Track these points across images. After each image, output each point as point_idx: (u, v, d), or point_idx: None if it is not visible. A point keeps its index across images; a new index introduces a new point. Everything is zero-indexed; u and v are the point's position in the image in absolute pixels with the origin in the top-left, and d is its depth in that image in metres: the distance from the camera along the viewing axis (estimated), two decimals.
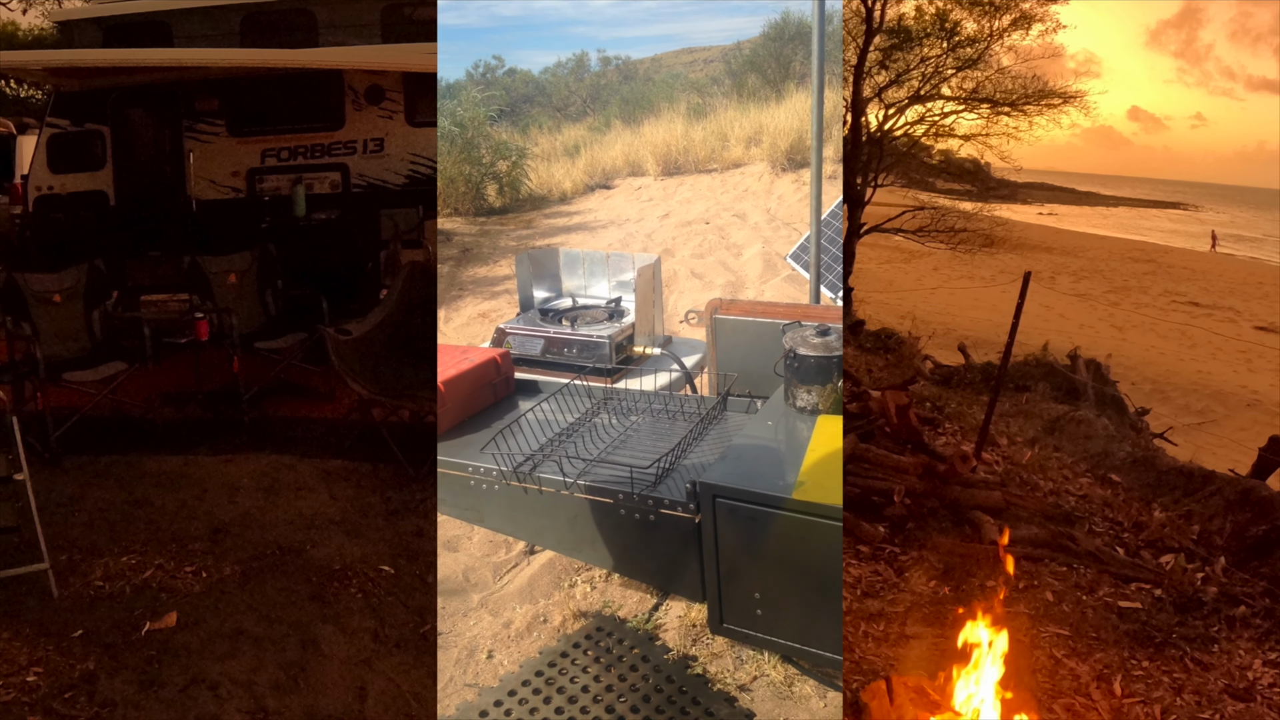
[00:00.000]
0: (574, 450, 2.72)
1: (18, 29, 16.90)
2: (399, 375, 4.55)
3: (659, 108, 19.61)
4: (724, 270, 9.84)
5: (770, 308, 3.17)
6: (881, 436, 5.11)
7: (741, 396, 3.05)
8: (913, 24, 13.44)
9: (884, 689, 2.59)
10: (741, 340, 3.10)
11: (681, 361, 3.58)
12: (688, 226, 12.29)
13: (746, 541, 2.28)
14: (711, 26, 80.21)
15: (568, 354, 3.60)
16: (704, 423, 2.89)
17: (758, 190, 13.86)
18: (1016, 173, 16.69)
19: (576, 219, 13.77)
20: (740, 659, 3.02)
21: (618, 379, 3.43)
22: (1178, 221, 51.44)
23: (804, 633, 2.31)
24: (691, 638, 3.13)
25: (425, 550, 3.60)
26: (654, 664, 3.01)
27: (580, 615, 3.29)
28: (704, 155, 15.75)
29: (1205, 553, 4.38)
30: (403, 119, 6.89)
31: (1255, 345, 16.80)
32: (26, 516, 3.26)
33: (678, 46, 44.39)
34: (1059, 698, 2.99)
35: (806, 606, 2.26)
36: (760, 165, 14.77)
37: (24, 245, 6.85)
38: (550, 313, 3.84)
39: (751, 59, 24.10)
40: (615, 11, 54.25)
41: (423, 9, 7.14)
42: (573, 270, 4.14)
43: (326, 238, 6.65)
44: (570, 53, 38.59)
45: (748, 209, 13.02)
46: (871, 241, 14.55)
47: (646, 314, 3.76)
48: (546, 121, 22.67)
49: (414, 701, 2.78)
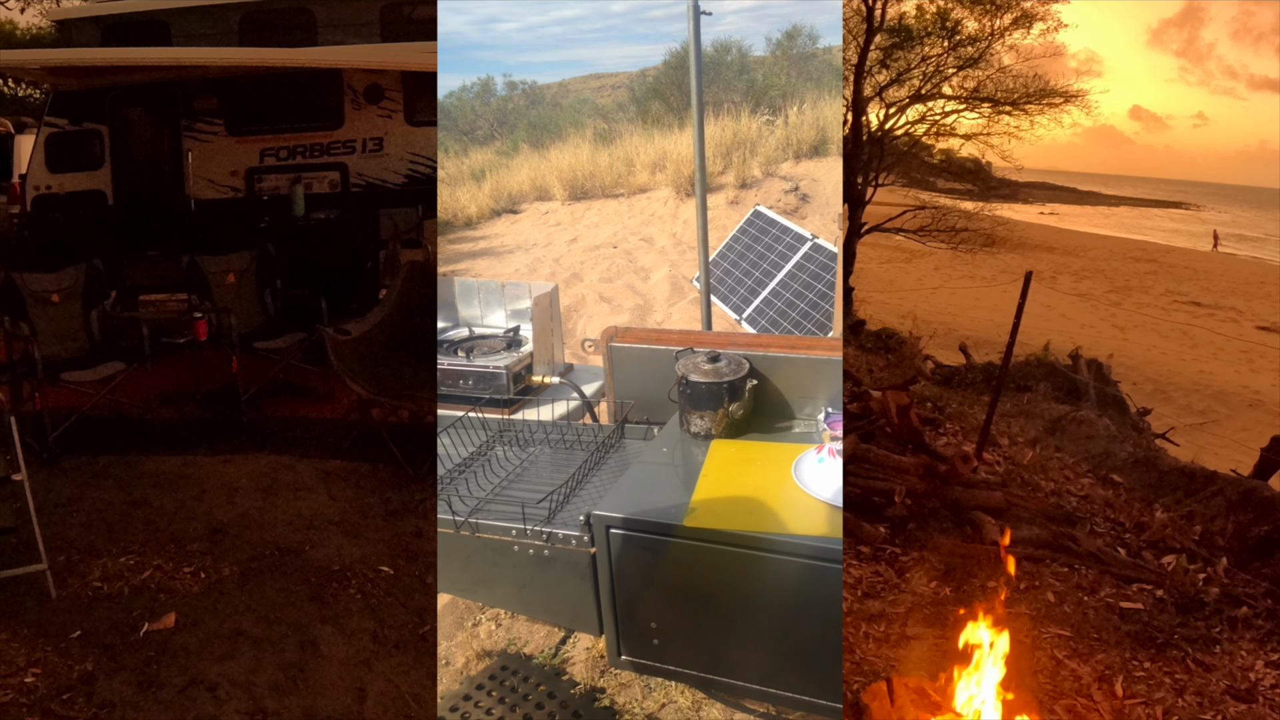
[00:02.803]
0: (470, 485, 2.65)
1: (16, 28, 16.90)
2: (398, 375, 4.54)
3: (566, 133, 19.39)
4: (632, 294, 9.84)
5: (666, 334, 3.15)
6: (882, 437, 5.10)
7: (639, 424, 3.03)
8: (913, 23, 13.43)
9: (885, 690, 2.58)
10: (641, 367, 3.08)
11: (581, 390, 3.54)
12: (595, 251, 12.25)
13: (641, 571, 2.26)
14: (618, 53, 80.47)
15: (464, 386, 3.51)
16: (600, 452, 2.86)
17: (663, 215, 13.87)
18: (1018, 172, 16.70)
19: (482, 244, 13.73)
20: (649, 687, 3.00)
21: (516, 410, 3.38)
22: (1179, 221, 51.43)
23: (702, 659, 2.29)
24: (599, 670, 3.10)
25: (425, 551, 3.59)
26: (560, 700, 2.97)
27: (484, 655, 3.22)
28: (610, 180, 15.72)
29: (1207, 553, 4.37)
30: (402, 118, 6.88)
31: (1257, 345, 16.79)
32: (25, 517, 3.25)
33: (585, 72, 44.55)
34: (1060, 699, 2.98)
35: (703, 633, 2.25)
36: (665, 190, 14.79)
37: (22, 245, 6.85)
38: (445, 344, 3.78)
39: (655, 86, 24.10)
40: (522, 37, 54.41)
41: (422, 8, 7.13)
42: (468, 300, 4.06)
43: (325, 237, 6.64)
44: (476, 77, 38.66)
45: (654, 233, 12.97)
46: (872, 241, 14.55)
47: (545, 342, 3.71)
48: (452, 145, 22.47)
49: (413, 702, 2.77)
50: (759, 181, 14.45)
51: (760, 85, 22.11)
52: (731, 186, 14.14)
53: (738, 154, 14.90)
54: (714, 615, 2.22)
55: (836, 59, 27.19)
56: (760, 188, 14.17)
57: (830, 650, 2.12)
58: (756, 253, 6.14)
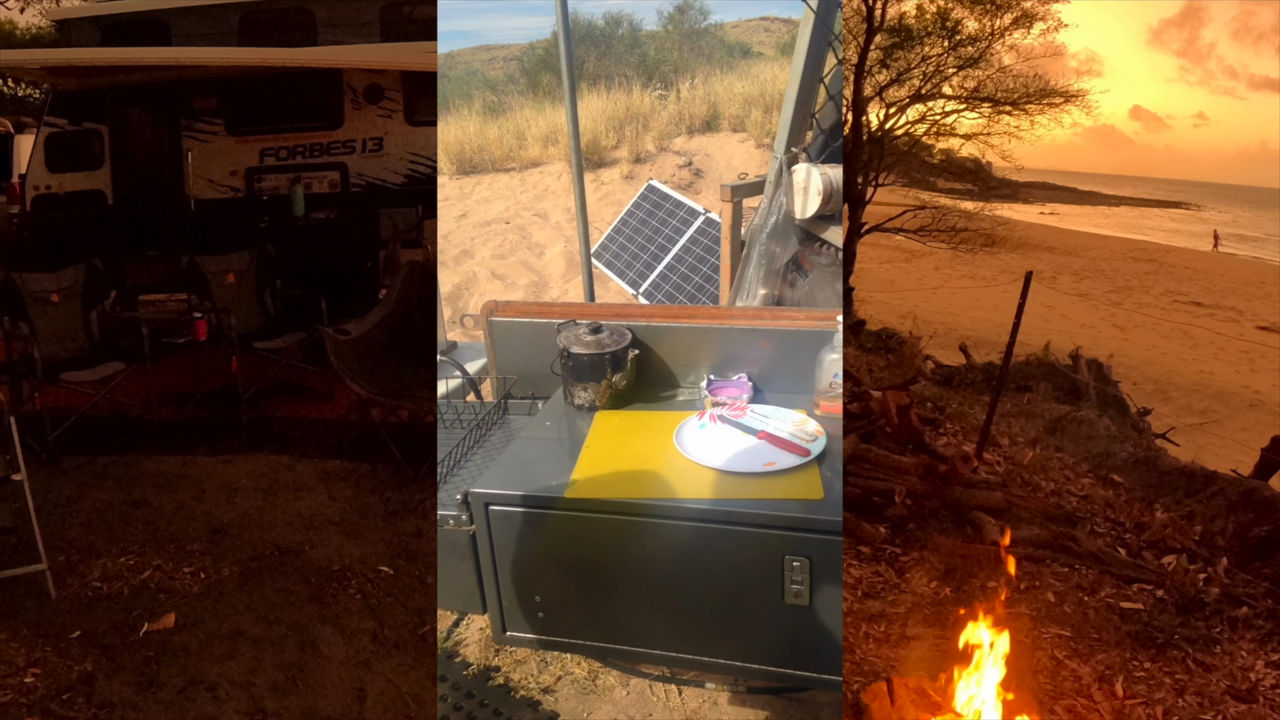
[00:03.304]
0: None
1: (15, 27, 16.90)
2: (398, 375, 4.53)
3: (454, 105, 19.07)
4: (526, 270, 9.73)
5: (548, 308, 3.13)
6: (882, 437, 5.09)
7: (524, 399, 3.02)
8: (914, 23, 13.43)
9: (885, 690, 2.58)
10: (523, 341, 3.06)
11: (463, 368, 3.53)
12: (487, 226, 12.07)
13: (523, 546, 2.25)
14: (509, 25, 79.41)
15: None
16: (481, 429, 2.84)
17: (557, 189, 13.70)
18: (1018, 172, 16.71)
19: None
20: (545, 662, 3.00)
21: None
22: (1180, 221, 51.44)
23: (590, 628, 2.29)
24: (494, 649, 3.09)
25: (424, 551, 3.59)
26: (453, 682, 2.96)
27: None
28: (501, 154, 15.53)
29: (1207, 553, 4.36)
30: (402, 118, 6.87)
31: (1258, 345, 16.79)
32: (24, 517, 3.25)
33: (474, 44, 44.01)
34: (1061, 699, 2.98)
35: (591, 603, 2.25)
36: (559, 164, 14.61)
37: (22, 245, 6.84)
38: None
39: (545, 58, 23.91)
40: None
41: (422, 8, 7.13)
42: None
43: (325, 237, 6.63)
44: None
45: (548, 208, 12.81)
46: (872, 241, 14.55)
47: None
48: None
49: (413, 703, 2.77)
50: (653, 156, 14.39)
51: (652, 59, 21.97)
52: (626, 161, 14.12)
53: (630, 128, 14.90)
54: (602, 584, 2.23)
55: (728, 34, 27.08)
56: (655, 162, 14.14)
57: (724, 610, 2.13)
58: (651, 227, 6.14)
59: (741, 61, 19.95)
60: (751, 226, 3.89)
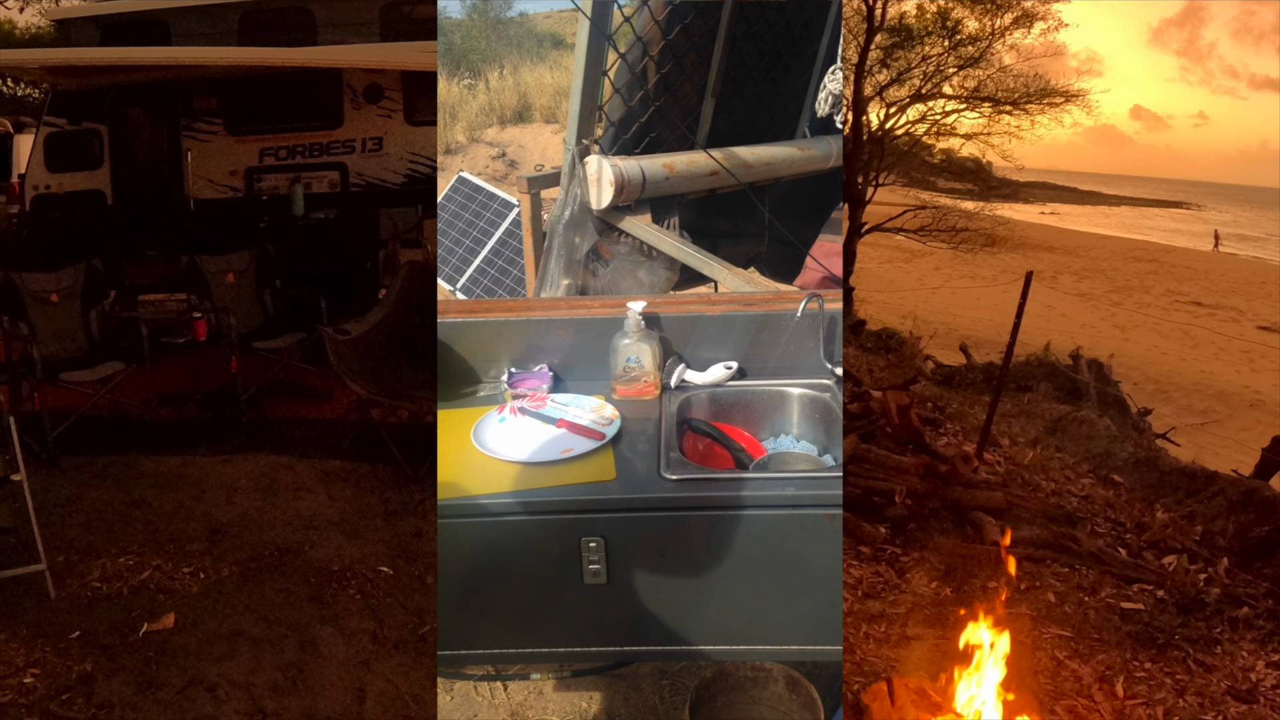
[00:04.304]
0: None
1: (15, 27, 16.89)
2: (398, 375, 4.53)
3: None
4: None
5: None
6: (883, 437, 5.09)
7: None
8: (914, 22, 13.44)
9: (885, 690, 2.58)
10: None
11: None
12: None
13: None
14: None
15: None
16: None
17: None
18: (1018, 172, 16.72)
19: None
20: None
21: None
22: (1180, 221, 51.46)
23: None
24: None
25: (424, 551, 3.59)
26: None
27: None
28: None
29: (1208, 554, 4.36)
30: (401, 118, 6.87)
31: (1258, 345, 16.79)
32: (24, 517, 3.24)
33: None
34: (1061, 699, 2.98)
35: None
36: None
37: (21, 244, 6.83)
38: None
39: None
40: None
41: (422, 7, 7.13)
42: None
43: (325, 237, 6.63)
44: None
45: None
46: (873, 241, 14.56)
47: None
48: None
49: (413, 703, 2.77)
50: (464, 147, 14.25)
51: (459, 49, 21.73)
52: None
53: (439, 118, 14.88)
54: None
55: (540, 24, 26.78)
56: (466, 154, 13.98)
57: (536, 599, 2.14)
58: (465, 220, 6.08)
59: (554, 52, 19.69)
60: (550, 218, 3.92)
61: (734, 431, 2.54)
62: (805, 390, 2.55)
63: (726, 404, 2.58)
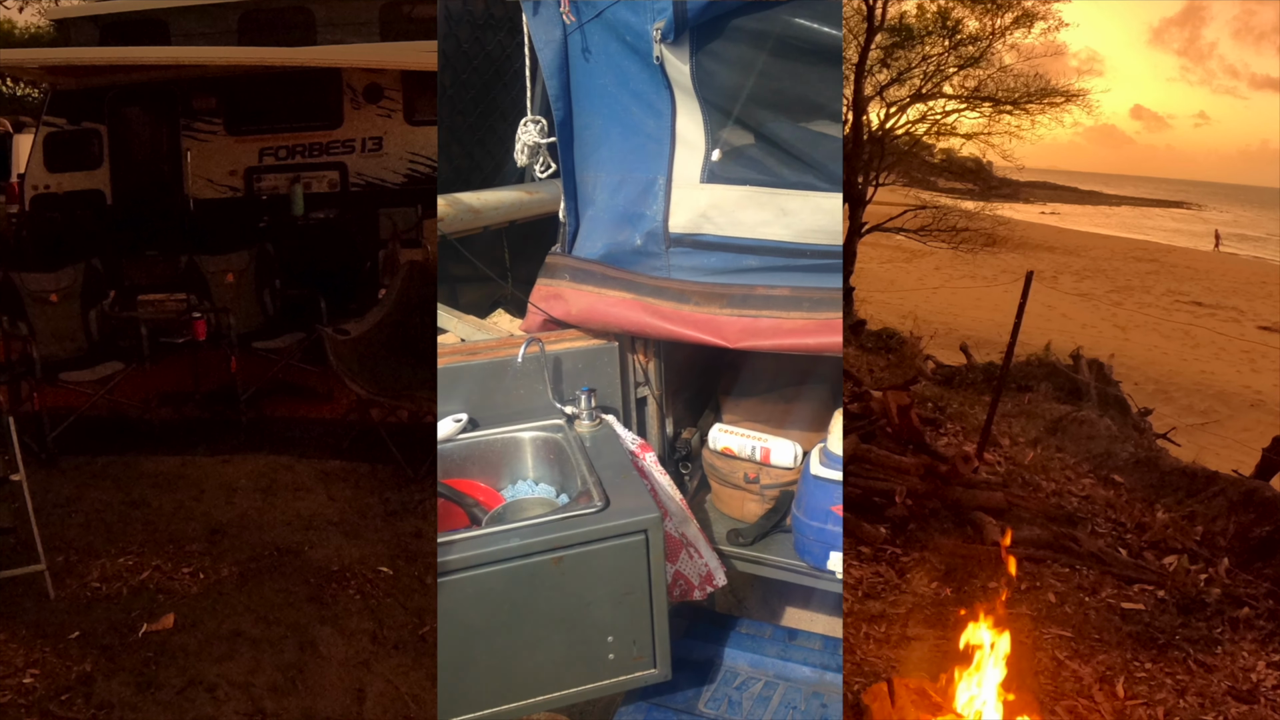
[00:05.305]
0: None
1: (14, 27, 16.89)
2: (397, 375, 4.53)
3: None
4: None
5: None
6: (883, 437, 5.09)
7: None
8: (914, 22, 13.44)
9: (885, 691, 2.58)
10: None
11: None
12: None
13: None
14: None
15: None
16: None
17: None
18: (1019, 171, 16.71)
19: None
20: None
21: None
22: (1181, 221, 51.48)
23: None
24: None
25: (424, 551, 3.58)
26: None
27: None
28: None
29: (1208, 554, 4.36)
30: (401, 118, 6.87)
31: (1259, 345, 16.78)
32: (23, 517, 3.23)
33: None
34: (1061, 699, 2.97)
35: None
36: None
37: (20, 244, 6.84)
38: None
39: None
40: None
41: (421, 7, 7.12)
42: None
43: (325, 237, 6.63)
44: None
45: None
46: (873, 241, 14.56)
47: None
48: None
49: (412, 703, 2.76)
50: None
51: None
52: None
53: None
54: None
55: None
56: None
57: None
58: None
59: None
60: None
61: (470, 486, 2.45)
62: (537, 433, 2.49)
63: (460, 458, 2.48)
